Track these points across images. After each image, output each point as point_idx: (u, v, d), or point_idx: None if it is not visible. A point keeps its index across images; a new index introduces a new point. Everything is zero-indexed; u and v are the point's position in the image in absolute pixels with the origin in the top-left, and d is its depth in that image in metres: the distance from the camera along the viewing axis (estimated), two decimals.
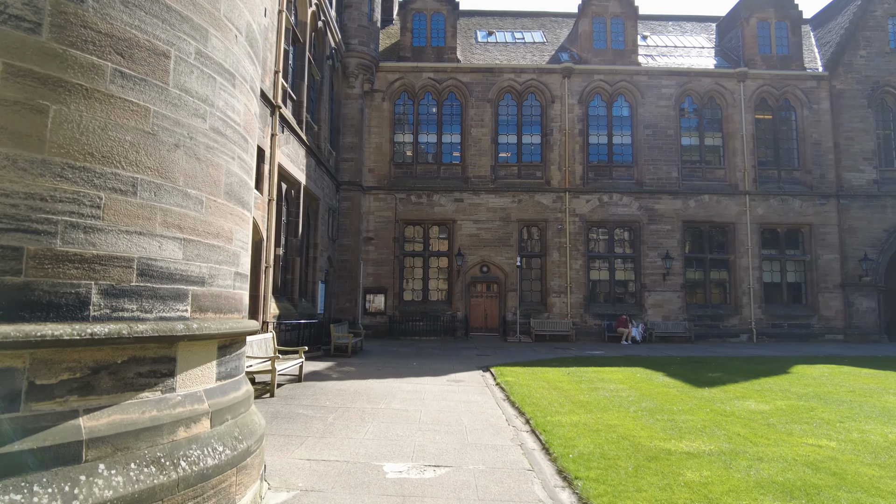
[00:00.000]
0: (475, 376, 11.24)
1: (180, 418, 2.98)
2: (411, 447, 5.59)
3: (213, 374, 3.41)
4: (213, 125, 3.42)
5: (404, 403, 7.93)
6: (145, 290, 2.87)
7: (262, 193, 12.79)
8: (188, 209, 3.16)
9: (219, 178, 3.47)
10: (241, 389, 3.77)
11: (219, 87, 3.48)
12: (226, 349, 3.57)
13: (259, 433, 3.82)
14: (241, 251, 3.83)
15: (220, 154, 3.49)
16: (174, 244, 3.05)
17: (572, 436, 6.05)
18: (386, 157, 22.73)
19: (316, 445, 5.57)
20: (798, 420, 6.95)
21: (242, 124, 3.84)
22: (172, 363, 3.02)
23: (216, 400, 3.35)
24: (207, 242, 3.33)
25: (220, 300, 3.47)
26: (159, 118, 2.97)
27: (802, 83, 23.40)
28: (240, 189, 3.78)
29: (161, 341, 2.91)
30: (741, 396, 8.76)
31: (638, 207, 22.59)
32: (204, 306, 3.30)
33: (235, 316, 3.74)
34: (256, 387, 8.88)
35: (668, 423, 6.78)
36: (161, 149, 2.98)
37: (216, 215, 3.43)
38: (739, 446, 5.68)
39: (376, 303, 21.87)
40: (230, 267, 3.61)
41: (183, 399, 3.06)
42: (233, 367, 3.70)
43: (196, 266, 3.22)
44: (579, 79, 23.14)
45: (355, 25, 21.64)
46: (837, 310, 22.34)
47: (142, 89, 2.88)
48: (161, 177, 2.97)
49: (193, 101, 3.22)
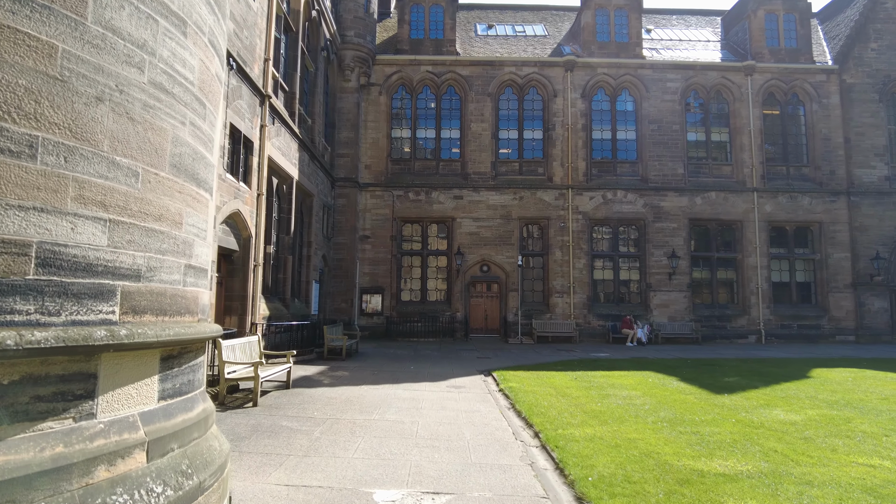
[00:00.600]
0: (476, 381, 10.54)
1: (100, 454, 2.28)
2: (407, 468, 4.89)
3: (154, 392, 2.70)
4: (155, 79, 2.72)
5: (400, 414, 7.22)
6: (49, 286, 2.16)
7: (250, 187, 12.09)
8: (116, 182, 2.46)
9: (162, 147, 2.76)
10: (194, 409, 3.06)
11: (163, 33, 2.77)
12: (173, 360, 2.87)
13: (218, 462, 3.12)
14: (196, 239, 3.12)
15: (165, 116, 2.79)
16: (95, 226, 2.35)
17: (589, 453, 5.36)
18: (383, 153, 22.02)
19: (297, 466, 4.87)
20: (837, 433, 6.27)
21: (197, 84, 3.13)
22: (91, 381, 2.32)
23: (157, 425, 2.64)
24: (145, 226, 2.63)
25: (163, 299, 2.77)
26: (72, 60, 2.27)
27: (811, 77, 22.74)
28: (193, 163, 3.08)
29: (72, 353, 2.20)
30: (766, 404, 8.08)
31: (643, 205, 21.90)
32: (139, 307, 2.59)
33: (187, 318, 3.03)
34: (239, 394, 8.18)
35: (693, 437, 6.09)
36: (75, 101, 2.28)
37: (158, 192, 2.73)
38: (780, 466, 4.99)
39: (373, 303, 21.15)
40: (178, 258, 2.91)
41: (106, 428, 2.35)
42: (184, 382, 3.00)
43: (128, 255, 2.52)
44: (582, 72, 22.45)
45: (351, 17, 20.93)
46: (848, 310, 21.67)
47: (44, 19, 2.17)
48: (75, 137, 2.27)
49: (125, 46, 2.52)
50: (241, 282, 11.97)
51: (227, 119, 10.74)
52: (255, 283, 12.19)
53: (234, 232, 11.65)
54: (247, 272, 12.00)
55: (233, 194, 11.09)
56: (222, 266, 11.58)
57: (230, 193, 10.96)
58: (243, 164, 11.91)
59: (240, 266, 12.00)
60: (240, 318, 11.84)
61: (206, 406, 3.30)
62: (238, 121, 11.26)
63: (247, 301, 11.97)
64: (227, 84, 10.72)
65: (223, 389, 7.53)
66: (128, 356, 2.51)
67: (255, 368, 7.51)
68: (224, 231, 11.07)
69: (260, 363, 7.67)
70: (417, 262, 21.93)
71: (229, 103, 10.78)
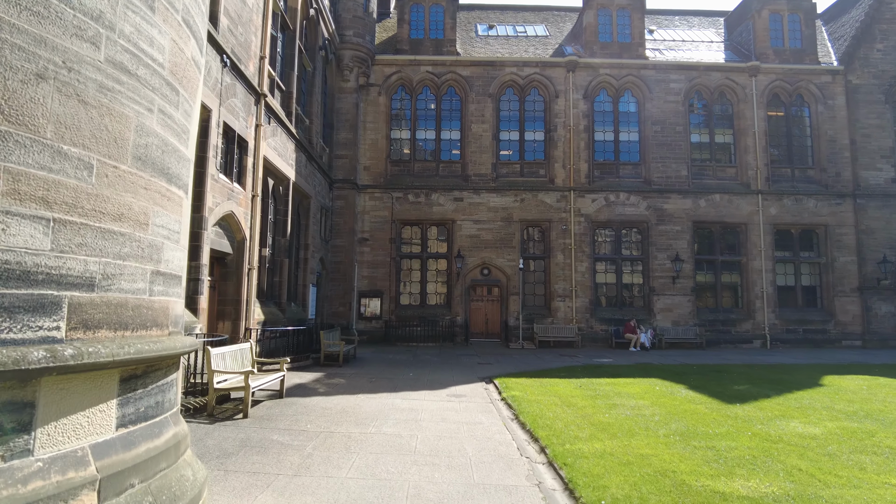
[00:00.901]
0: (478, 389, 10.16)
1: (36, 499, 1.91)
2: (404, 490, 4.51)
3: (111, 419, 2.34)
4: (114, 58, 2.36)
5: (398, 427, 6.85)
6: None
7: (244, 188, 11.73)
8: (64, 175, 2.10)
9: (124, 136, 2.40)
10: (162, 435, 2.69)
11: (124, 5, 2.41)
12: (136, 381, 2.50)
13: (191, 494, 2.75)
14: (166, 242, 2.76)
15: (127, 101, 2.43)
16: (34, 227, 1.98)
17: (600, 472, 4.99)
18: (382, 154, 21.67)
19: (286, 488, 4.50)
20: (862, 449, 5.90)
21: (168, 67, 2.77)
22: (27, 411, 1.95)
23: (114, 458, 2.27)
24: (101, 227, 2.26)
25: (123, 311, 2.40)
26: (4, 28, 1.91)
27: (816, 78, 22.42)
28: (163, 156, 2.71)
29: (0, 379, 1.84)
30: (781, 415, 7.71)
31: (646, 207, 21.55)
32: (93, 321, 2.23)
33: (154, 333, 2.67)
34: (229, 405, 7.81)
35: (709, 453, 5.73)
36: (9, 77, 1.92)
37: (118, 188, 2.36)
38: (808, 487, 4.62)
39: (372, 307, 20.77)
40: (143, 263, 2.54)
41: (45, 466, 1.98)
42: (150, 405, 2.63)
43: (78, 261, 2.15)
44: (584, 73, 22.14)
45: (350, 16, 20.61)
46: (855, 314, 21.30)
47: None
48: (8, 121, 1.91)
49: (75, 16, 2.16)
50: (234, 286, 11.60)
51: (221, 118, 10.40)
52: (249, 287, 11.83)
53: (227, 234, 11.29)
54: (241, 276, 11.64)
55: (226, 195, 10.74)
56: (215, 269, 11.21)
57: (223, 195, 10.60)
58: (237, 165, 11.56)
59: (233, 269, 11.63)
60: (233, 324, 11.47)
61: (179, 430, 2.93)
62: (232, 119, 10.92)
63: (241, 306, 11.60)
64: (221, 81, 10.38)
65: (212, 400, 7.16)
66: (76, 380, 2.14)
67: (245, 378, 7.14)
68: (217, 233, 10.71)
69: (251, 372, 7.29)
70: (417, 265, 21.56)
71: (223, 101, 10.44)
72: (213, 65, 9.90)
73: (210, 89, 9.85)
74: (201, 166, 9.66)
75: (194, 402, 7.79)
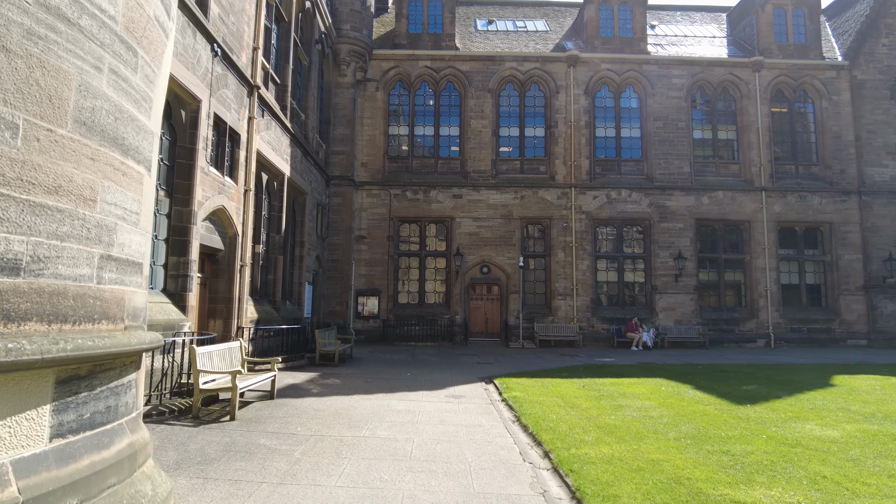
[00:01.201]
0: (477, 390, 9.80)
1: None
2: (398, 501, 4.14)
3: (44, 428, 1.98)
4: (49, 3, 1.99)
5: (393, 429, 6.48)
6: None
7: (236, 182, 11.36)
8: None
9: (62, 94, 2.04)
10: (113, 445, 2.33)
11: None
12: (79, 383, 2.14)
13: None
14: (120, 224, 2.39)
15: (65, 54, 2.06)
16: None
17: (609, 479, 4.63)
18: (380, 151, 21.30)
19: (269, 498, 4.13)
20: (887, 454, 5.55)
21: (122, 22, 2.40)
22: None
23: (44, 475, 1.91)
24: (28, 199, 1.90)
25: (61, 301, 2.04)
26: None
27: (821, 73, 22.08)
28: (116, 123, 2.35)
29: None
30: (795, 417, 7.36)
31: (648, 204, 21.20)
32: (17, 311, 1.86)
33: (104, 326, 2.30)
34: (216, 406, 7.45)
35: (724, 458, 5.37)
36: None
37: (53, 155, 2.00)
38: (836, 497, 4.26)
39: (369, 306, 20.40)
40: (88, 246, 2.18)
41: None
42: (97, 410, 2.27)
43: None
44: (585, 68, 21.78)
45: (347, 10, 20.24)
46: (860, 313, 20.96)
47: None
48: None
49: None
50: (226, 283, 11.23)
51: (211, 108, 10.03)
52: (241, 285, 11.45)
53: (218, 230, 10.92)
54: (232, 273, 11.27)
55: (217, 189, 10.37)
56: (206, 266, 10.84)
57: (214, 188, 10.23)
58: (229, 158, 11.19)
59: (225, 266, 11.26)
60: (225, 322, 11.09)
61: (136, 438, 2.57)
62: (223, 111, 10.54)
63: (232, 303, 11.22)
64: (212, 71, 10.01)
65: (197, 402, 6.79)
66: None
67: (232, 378, 6.77)
68: (207, 228, 10.33)
69: (238, 372, 6.92)
70: (415, 263, 21.19)
71: (213, 92, 10.07)
72: (202, 53, 9.54)
73: (200, 79, 9.48)
74: (191, 158, 9.31)
75: (180, 403, 7.43)
